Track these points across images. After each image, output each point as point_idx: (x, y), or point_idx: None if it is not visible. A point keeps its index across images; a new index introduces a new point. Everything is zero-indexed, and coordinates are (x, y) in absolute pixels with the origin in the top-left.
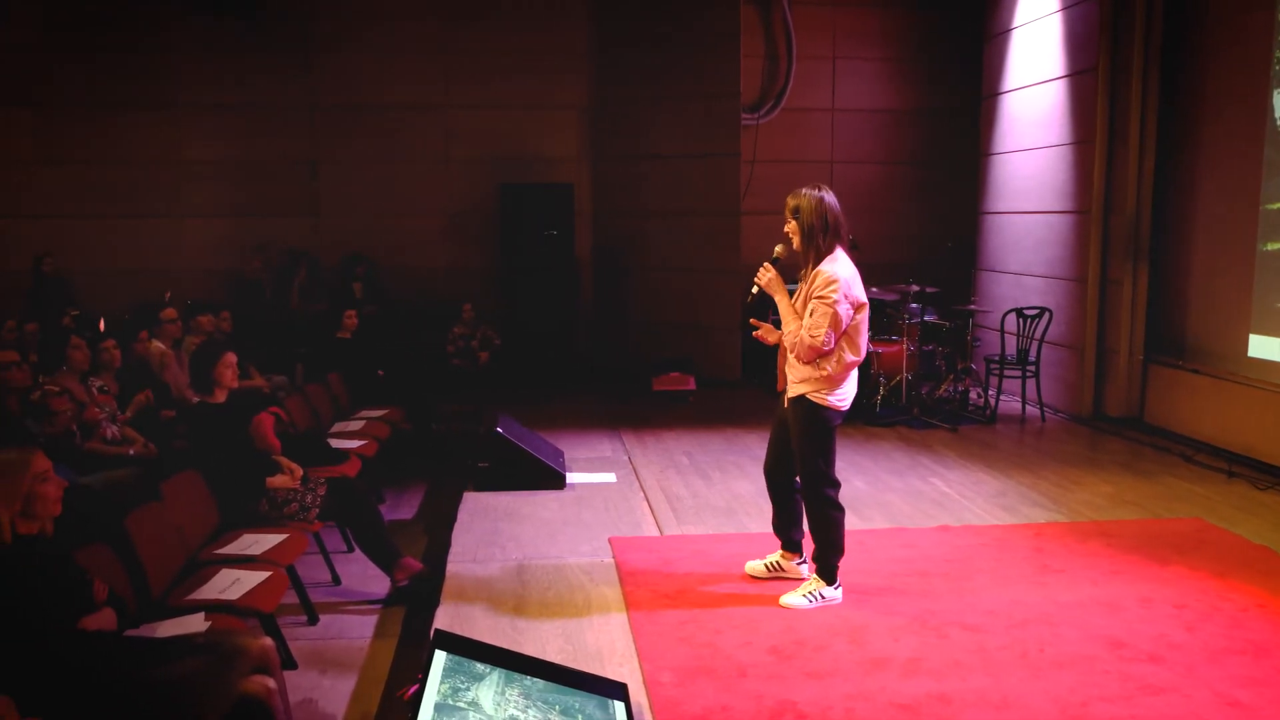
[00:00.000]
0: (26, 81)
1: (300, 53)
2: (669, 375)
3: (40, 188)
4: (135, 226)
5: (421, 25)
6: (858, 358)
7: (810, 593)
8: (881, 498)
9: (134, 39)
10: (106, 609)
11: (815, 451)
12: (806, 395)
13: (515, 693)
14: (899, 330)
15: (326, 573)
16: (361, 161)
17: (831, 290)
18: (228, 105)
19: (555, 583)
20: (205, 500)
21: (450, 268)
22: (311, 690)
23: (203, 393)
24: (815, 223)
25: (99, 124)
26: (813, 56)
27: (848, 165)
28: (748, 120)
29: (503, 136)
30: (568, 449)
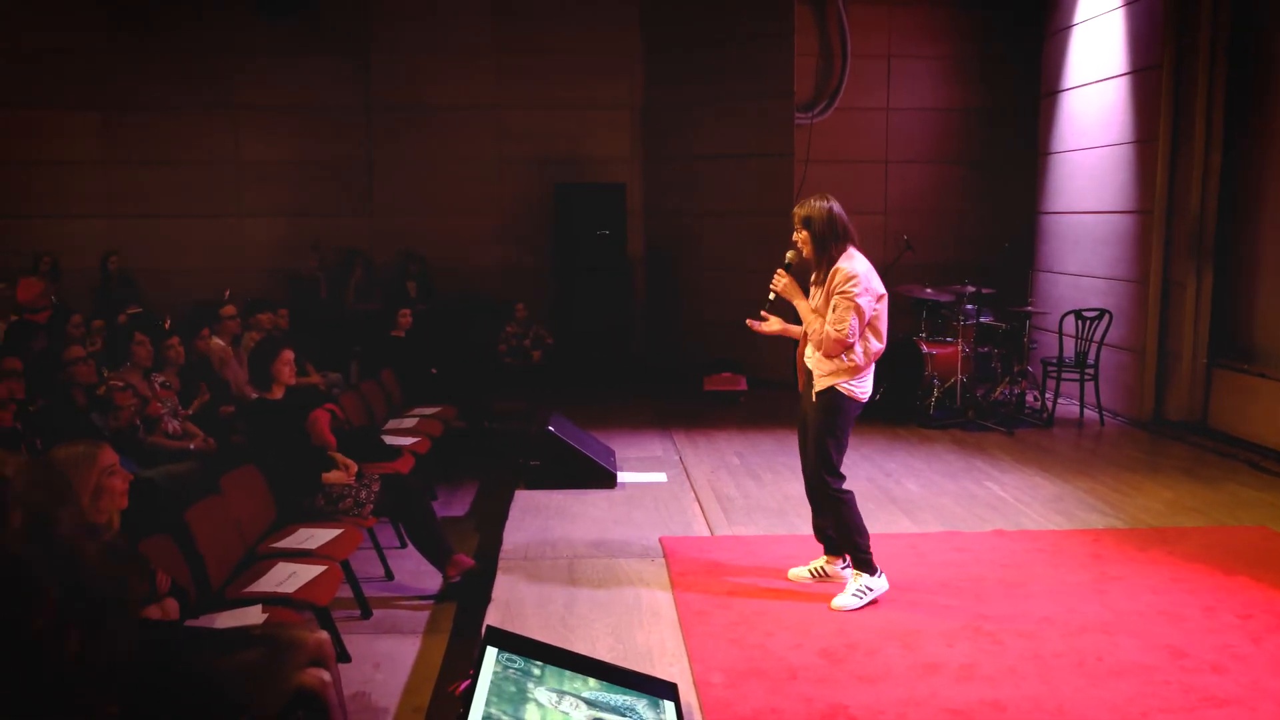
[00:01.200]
0: (93, 85)
1: (357, 54)
2: (720, 375)
3: (107, 188)
4: (196, 225)
5: (477, 26)
6: (881, 346)
7: (858, 590)
8: (935, 501)
9: (195, 42)
10: (169, 599)
11: (835, 443)
12: (834, 386)
13: (566, 690)
14: (954, 332)
15: (380, 568)
16: (416, 161)
17: (852, 285)
18: (286, 106)
19: (606, 581)
20: (263, 494)
21: (503, 267)
22: (365, 683)
23: (261, 389)
24: (825, 231)
25: (162, 126)
26: (867, 55)
27: (902, 165)
28: (801, 120)
29: (556, 136)
30: (619, 448)
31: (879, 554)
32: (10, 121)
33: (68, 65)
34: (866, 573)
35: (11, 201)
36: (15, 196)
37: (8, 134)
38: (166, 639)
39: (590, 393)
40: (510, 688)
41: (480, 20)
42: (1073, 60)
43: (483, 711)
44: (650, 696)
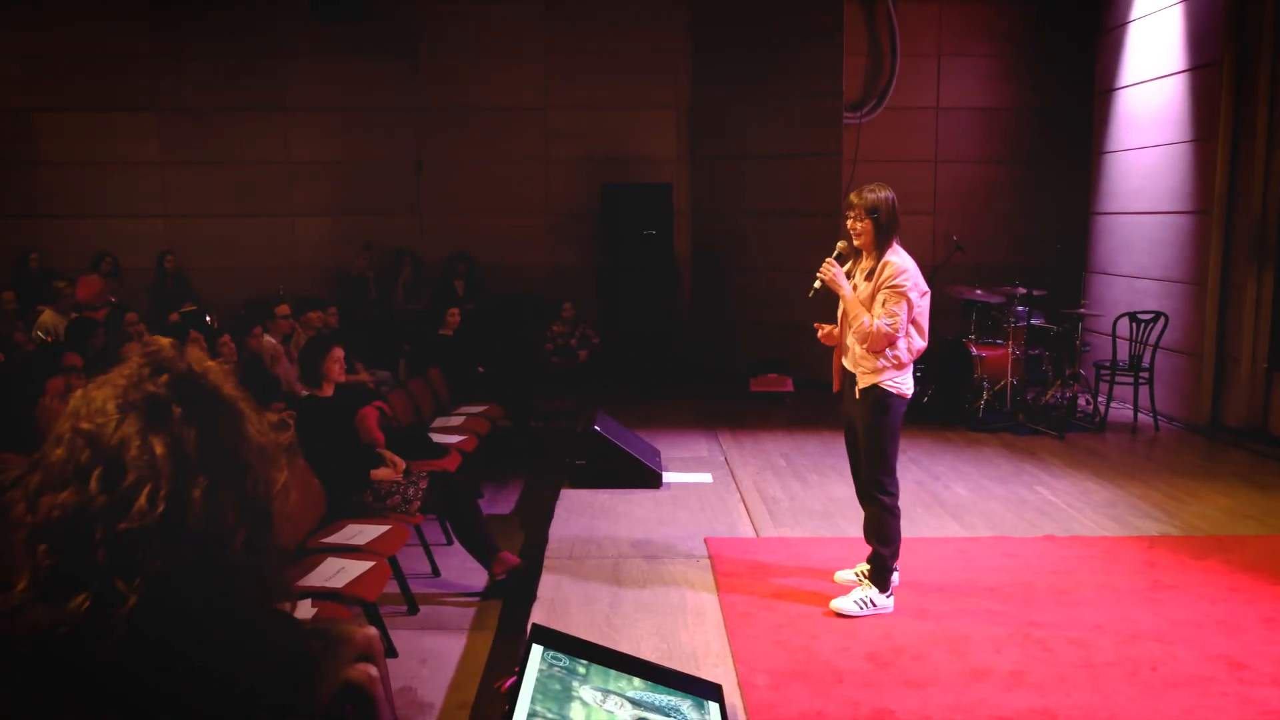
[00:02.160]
0: (150, 88)
1: (407, 56)
2: (767, 376)
3: (163, 188)
4: (249, 225)
5: (525, 27)
6: (924, 343)
7: (861, 599)
8: (984, 505)
9: (249, 45)
10: None
11: (885, 443)
12: (879, 384)
13: (611, 689)
14: (1004, 334)
15: (426, 564)
16: (464, 162)
17: (903, 278)
18: (336, 107)
19: (650, 581)
20: (313, 490)
21: (550, 266)
22: (411, 679)
23: (311, 386)
24: (890, 222)
25: (216, 127)
26: (917, 53)
27: (952, 165)
28: (849, 119)
29: (603, 137)
30: (664, 448)
31: (927, 557)
32: (70, 124)
33: (126, 69)
34: (878, 587)
35: (72, 202)
36: (75, 197)
37: (68, 136)
38: None
39: (636, 392)
40: (555, 686)
41: (528, 21)
42: (1129, 57)
43: (528, 709)
44: (695, 697)
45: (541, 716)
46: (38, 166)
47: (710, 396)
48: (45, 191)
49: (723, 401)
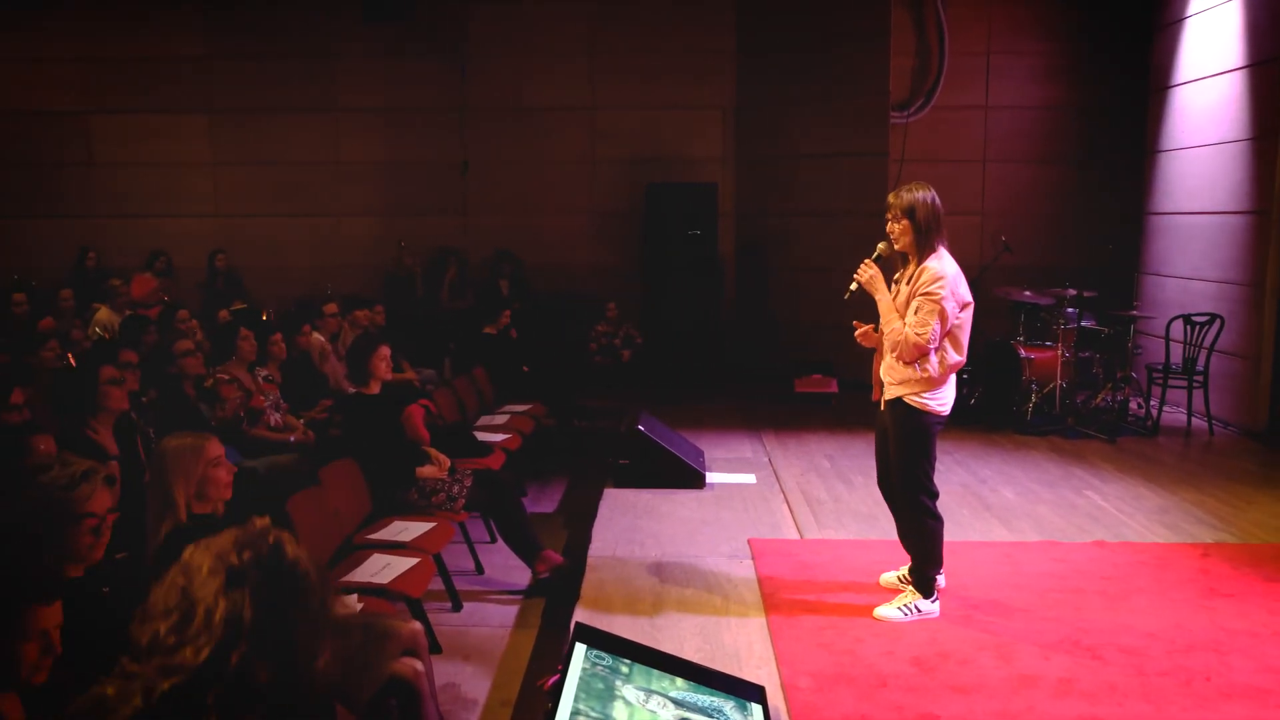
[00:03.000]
0: (202, 90)
1: (454, 57)
2: (811, 377)
3: (215, 189)
4: (298, 224)
5: (571, 28)
6: (961, 358)
7: (905, 605)
8: (1032, 509)
9: (299, 47)
10: None
11: (915, 457)
12: (904, 398)
13: (654, 689)
14: (1053, 336)
15: (470, 562)
16: (510, 162)
17: (939, 286)
18: (384, 108)
19: (693, 581)
20: (360, 487)
21: (594, 266)
22: (455, 674)
23: (358, 384)
24: (931, 223)
25: (266, 128)
26: (965, 52)
27: (1001, 164)
28: (897, 119)
29: (648, 137)
30: (708, 448)
31: (973, 561)
32: (125, 126)
33: (179, 72)
34: (923, 594)
35: (128, 202)
36: (131, 197)
37: (123, 138)
38: None
39: (679, 392)
40: (598, 685)
41: (575, 22)
42: (1185, 53)
43: (571, 707)
44: (737, 698)
45: (585, 715)
46: (94, 168)
47: (754, 397)
48: (102, 192)
49: (767, 402)
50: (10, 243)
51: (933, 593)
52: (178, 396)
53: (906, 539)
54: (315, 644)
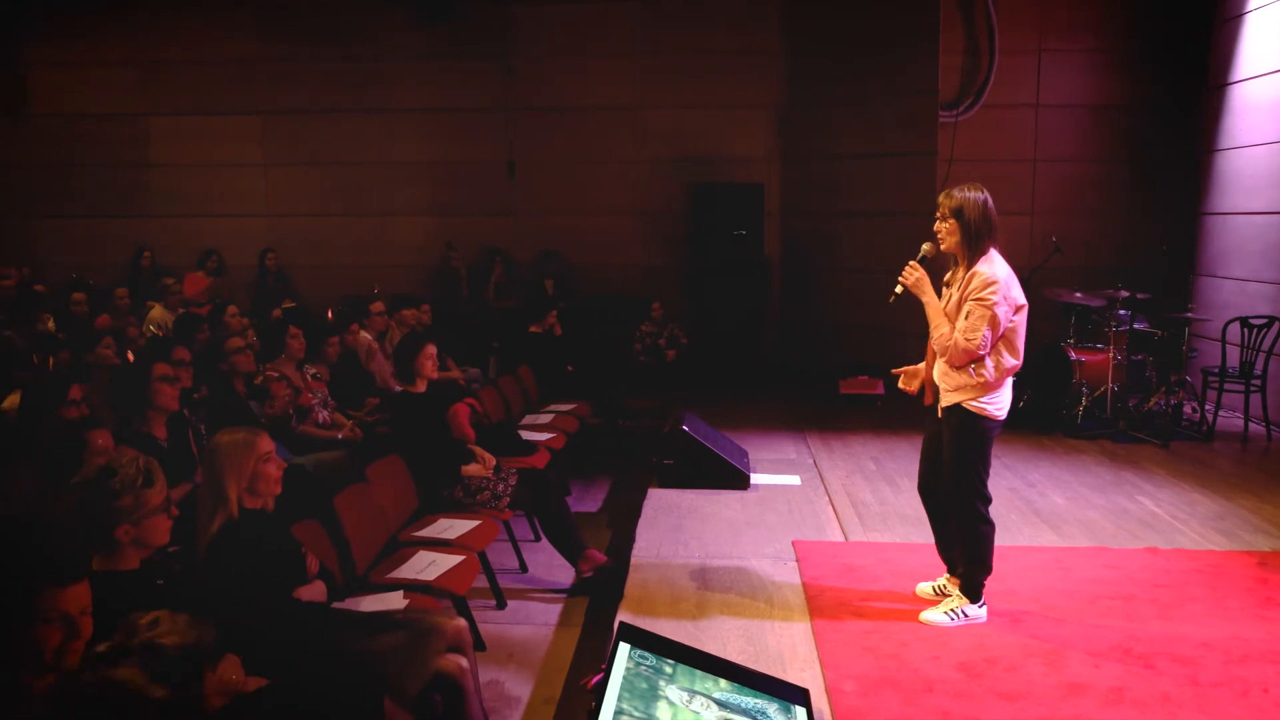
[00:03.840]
0: (255, 92)
1: (502, 58)
2: (857, 378)
3: (267, 189)
4: (347, 224)
5: (618, 28)
6: (1017, 362)
7: (952, 610)
8: (1082, 514)
9: (350, 49)
10: (318, 581)
11: (970, 463)
12: (963, 404)
13: (698, 690)
14: (1105, 338)
15: (515, 560)
16: (556, 162)
17: (990, 291)
18: (433, 109)
19: (737, 583)
20: (406, 484)
21: (640, 266)
22: (498, 672)
23: (405, 382)
24: (980, 224)
25: (316, 129)
26: (1016, 49)
27: (1052, 164)
28: (945, 118)
29: (694, 137)
30: (752, 449)
31: (1021, 566)
32: (181, 128)
33: (233, 74)
34: (970, 599)
35: (182, 202)
36: (185, 197)
37: (178, 139)
38: (316, 619)
39: (724, 393)
40: (642, 684)
41: (621, 23)
42: (1245, 50)
43: (615, 706)
44: (781, 701)
45: (628, 714)
46: (151, 168)
47: (799, 398)
48: (157, 192)
49: (812, 403)
50: (71, 242)
51: (980, 598)
52: (228, 393)
53: (951, 544)
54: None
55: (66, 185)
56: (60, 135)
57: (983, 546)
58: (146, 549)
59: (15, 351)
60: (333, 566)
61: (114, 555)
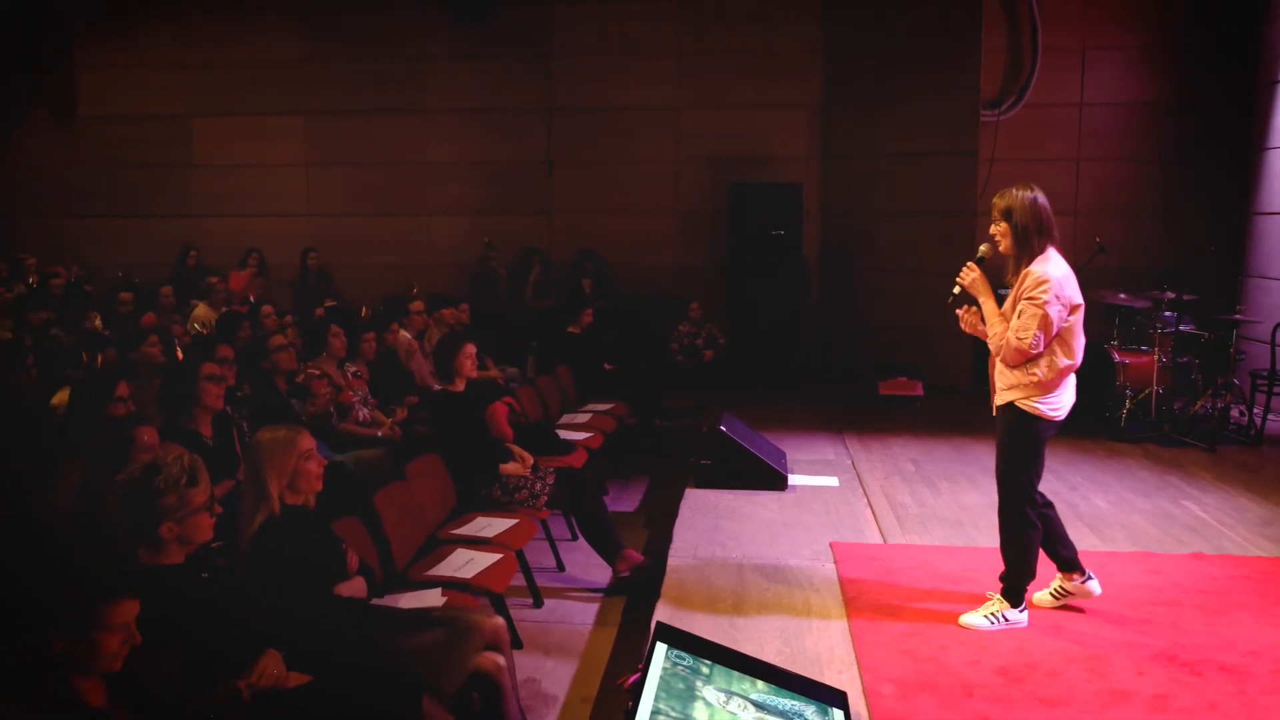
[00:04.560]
0: (299, 93)
1: (540, 58)
2: (896, 380)
3: (308, 188)
4: (386, 224)
5: (656, 28)
6: (1073, 362)
7: (992, 614)
8: (1125, 518)
9: (389, 50)
10: (358, 577)
11: (1019, 463)
12: (1015, 402)
13: (734, 691)
14: (1150, 340)
15: (552, 559)
16: (594, 162)
17: (1042, 291)
18: (471, 109)
19: (775, 584)
20: (444, 482)
21: (678, 266)
22: (535, 670)
23: (444, 381)
24: (1029, 224)
25: (357, 129)
26: (1060, 47)
27: (1096, 163)
28: (987, 117)
29: (733, 136)
30: (790, 450)
31: None
32: (224, 128)
33: (276, 76)
34: (1011, 602)
35: (225, 201)
36: (228, 197)
37: (221, 140)
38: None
39: (762, 393)
40: (679, 685)
41: (660, 23)
42: None
43: (651, 706)
44: (819, 703)
45: (665, 714)
46: (195, 169)
47: (837, 399)
48: (201, 192)
49: (850, 404)
50: (118, 241)
51: (1022, 602)
52: (270, 391)
53: (1003, 546)
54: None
55: (114, 186)
56: (108, 137)
57: (1027, 550)
58: (190, 545)
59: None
60: (372, 563)
61: (159, 550)
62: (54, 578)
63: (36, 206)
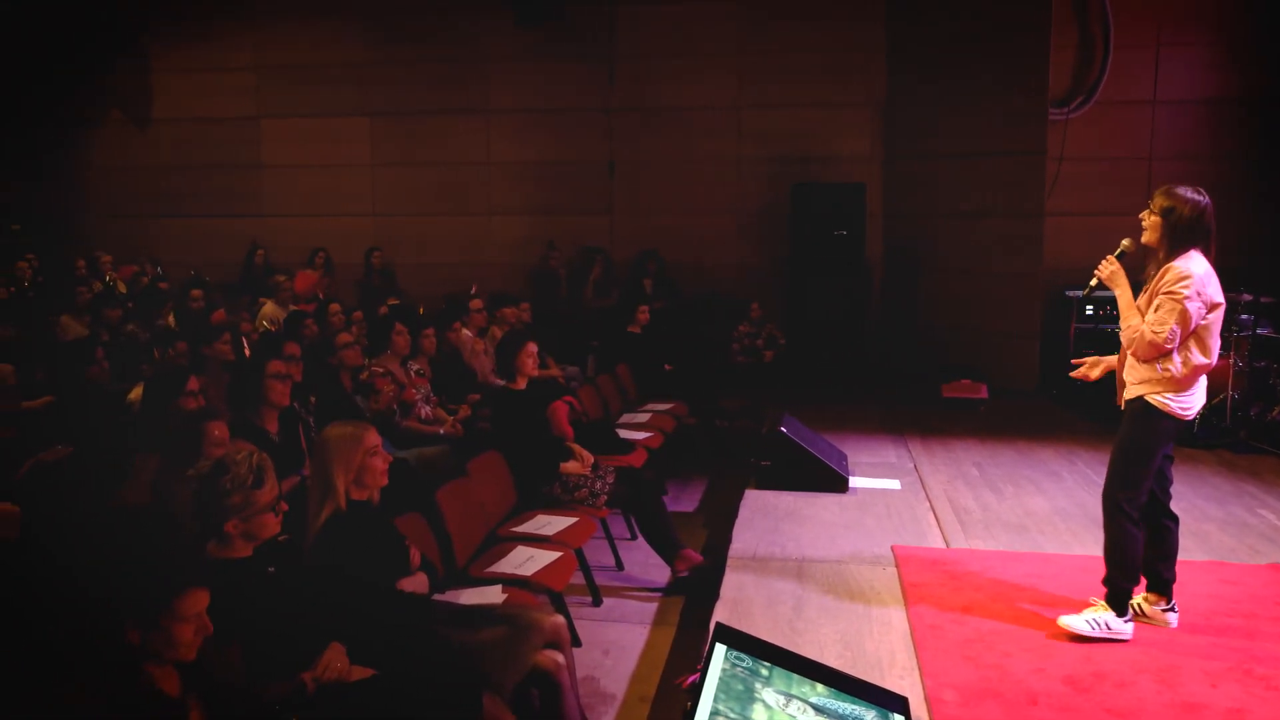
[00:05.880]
0: (364, 94)
1: (602, 58)
2: (959, 382)
3: (373, 188)
4: (449, 223)
5: (718, 27)
6: (1208, 361)
7: (1094, 619)
8: (1198, 527)
9: (452, 50)
10: (420, 573)
11: (1135, 457)
12: (1145, 396)
13: (794, 694)
14: (1225, 343)
15: (611, 558)
16: (655, 162)
17: (1183, 285)
18: (534, 109)
19: (835, 586)
20: (505, 480)
21: (738, 266)
22: (594, 668)
23: (506, 379)
24: (1187, 227)
25: (421, 129)
26: (1132, 44)
27: (1169, 162)
28: (1055, 115)
29: (795, 136)
30: (851, 452)
31: None
32: (292, 129)
33: (343, 77)
34: (1115, 610)
35: (293, 201)
36: (295, 197)
37: (288, 141)
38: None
39: (822, 394)
40: (738, 686)
41: (722, 22)
42: None
43: (710, 707)
44: (880, 708)
45: (724, 715)
46: (264, 169)
47: (899, 401)
48: (270, 192)
49: (912, 406)
50: (190, 240)
51: (1126, 611)
52: (336, 388)
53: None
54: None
55: (186, 186)
56: (180, 138)
57: (1130, 550)
58: (256, 540)
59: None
60: (434, 559)
61: (226, 545)
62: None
63: (112, 206)
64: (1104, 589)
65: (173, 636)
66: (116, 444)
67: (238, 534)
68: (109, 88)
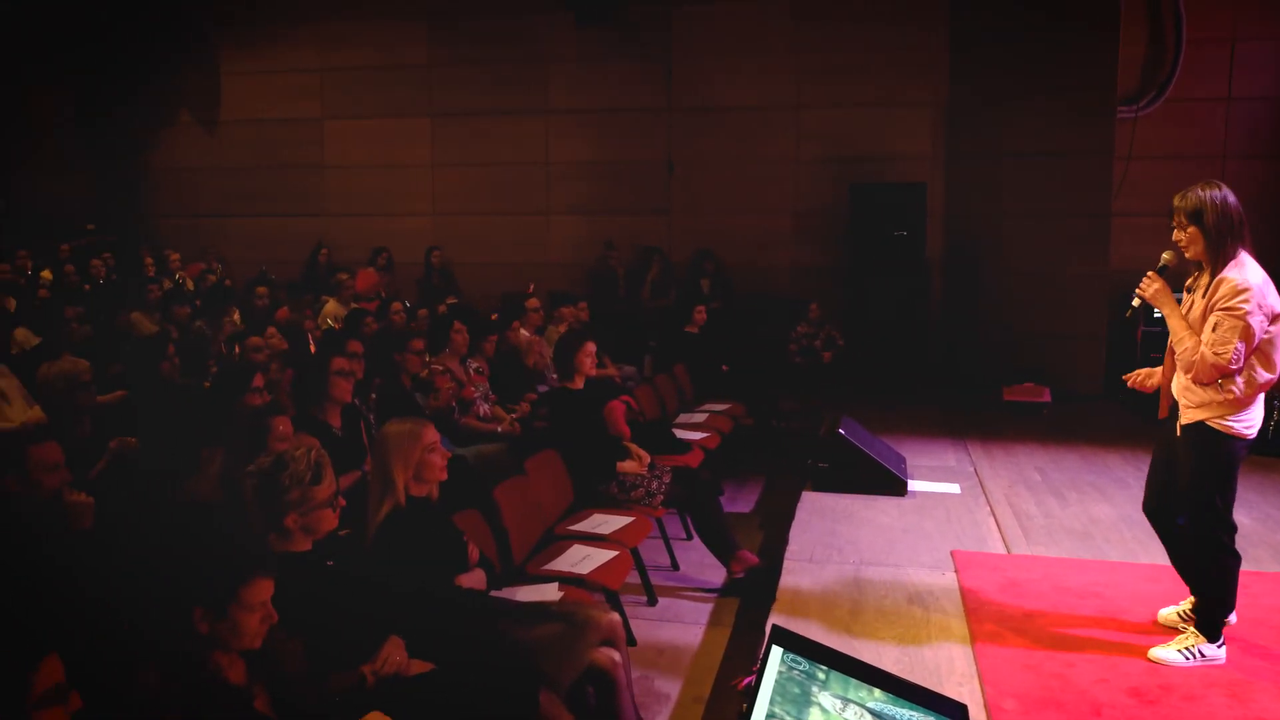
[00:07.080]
0: (426, 95)
1: (660, 58)
2: (1022, 385)
3: (433, 188)
4: (508, 223)
5: (776, 27)
6: (1272, 376)
7: (1188, 649)
8: (1272, 537)
9: (512, 51)
10: (478, 569)
11: (1212, 487)
12: (1206, 421)
13: (851, 699)
14: None
15: (667, 557)
16: (713, 162)
17: (1241, 300)
18: (592, 110)
19: (893, 591)
20: (562, 478)
21: (796, 266)
22: (649, 668)
23: (563, 378)
24: (1223, 228)
25: (482, 130)
26: (1206, 40)
27: (1243, 160)
28: (1124, 114)
29: (853, 135)
30: (910, 455)
31: None
32: (355, 130)
33: (404, 79)
34: (1208, 636)
35: (355, 201)
36: (357, 196)
37: (351, 142)
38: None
39: (881, 397)
40: (794, 689)
41: (780, 21)
42: None
43: (766, 709)
44: (938, 715)
45: (780, 719)
46: (327, 170)
47: (959, 404)
48: (333, 191)
49: (973, 410)
50: (255, 239)
51: (1220, 637)
52: (396, 385)
53: (1193, 574)
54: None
55: (252, 186)
56: (247, 139)
57: (1225, 581)
58: (316, 534)
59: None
60: (491, 556)
61: (287, 539)
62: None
63: (181, 205)
64: (1193, 617)
65: (239, 625)
66: (186, 438)
67: (297, 528)
68: (179, 90)
